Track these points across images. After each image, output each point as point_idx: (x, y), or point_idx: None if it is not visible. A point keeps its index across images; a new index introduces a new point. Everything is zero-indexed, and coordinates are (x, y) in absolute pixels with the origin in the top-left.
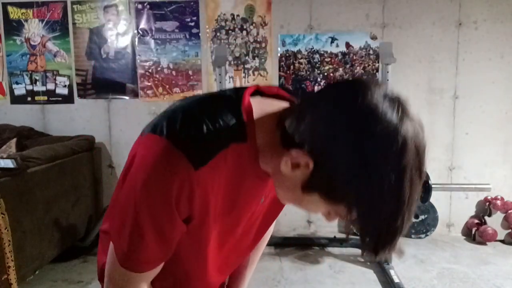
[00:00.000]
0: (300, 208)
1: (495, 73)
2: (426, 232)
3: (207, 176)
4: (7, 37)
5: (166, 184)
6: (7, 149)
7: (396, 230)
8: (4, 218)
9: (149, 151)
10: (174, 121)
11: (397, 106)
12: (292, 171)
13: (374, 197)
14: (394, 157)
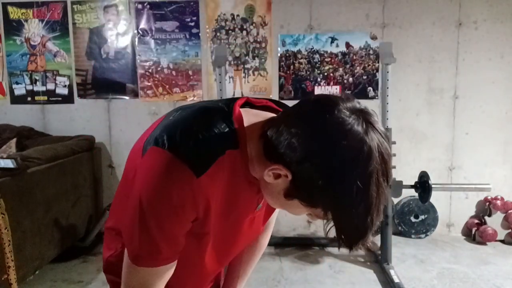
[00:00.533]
0: (287, 211)
1: (495, 73)
2: (426, 232)
3: (207, 182)
4: (7, 37)
5: (172, 192)
6: (7, 149)
7: (367, 228)
8: (4, 218)
9: (153, 163)
10: (174, 133)
11: (363, 119)
12: (274, 180)
13: (345, 201)
14: (361, 165)
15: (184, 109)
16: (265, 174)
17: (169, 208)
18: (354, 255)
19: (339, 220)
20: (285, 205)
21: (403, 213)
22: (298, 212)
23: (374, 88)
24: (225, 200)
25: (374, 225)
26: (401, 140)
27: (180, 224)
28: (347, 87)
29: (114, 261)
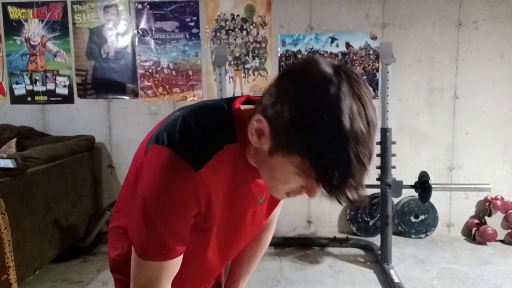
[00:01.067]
0: (278, 187)
1: (495, 73)
2: (426, 232)
3: (207, 176)
4: (7, 37)
5: (173, 187)
6: (7, 149)
7: (348, 161)
8: (4, 218)
9: (155, 160)
10: (173, 131)
11: (333, 64)
12: (259, 140)
13: (319, 139)
14: (330, 99)
15: (185, 108)
16: (249, 135)
17: (171, 203)
18: (354, 255)
19: (318, 161)
20: (275, 172)
21: (403, 213)
22: (284, 178)
23: (374, 88)
24: (227, 194)
25: (357, 160)
26: (401, 140)
27: (183, 218)
28: None
29: (121, 260)
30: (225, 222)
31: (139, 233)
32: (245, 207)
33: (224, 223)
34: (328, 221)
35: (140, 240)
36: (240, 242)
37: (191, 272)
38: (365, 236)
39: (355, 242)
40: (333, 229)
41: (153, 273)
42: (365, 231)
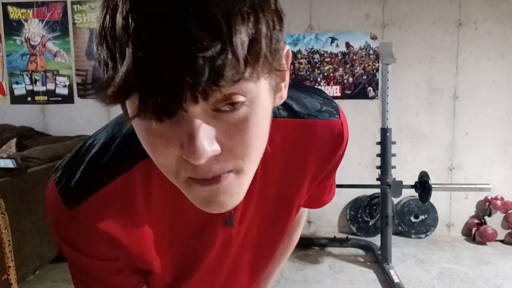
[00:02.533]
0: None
1: (495, 73)
2: (426, 232)
3: (95, 211)
4: (7, 37)
5: (55, 229)
6: (7, 149)
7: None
8: (4, 218)
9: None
10: (66, 159)
11: None
12: None
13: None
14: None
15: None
16: None
17: (65, 249)
18: (354, 255)
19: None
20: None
21: (403, 213)
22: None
23: (374, 88)
24: (165, 225)
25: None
26: (401, 140)
27: (89, 263)
28: (347, 87)
29: None
30: (178, 256)
31: (72, 276)
32: (202, 234)
33: (177, 258)
34: (328, 221)
35: (74, 283)
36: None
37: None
38: (365, 236)
39: (355, 242)
40: (333, 229)
41: None
42: (365, 231)
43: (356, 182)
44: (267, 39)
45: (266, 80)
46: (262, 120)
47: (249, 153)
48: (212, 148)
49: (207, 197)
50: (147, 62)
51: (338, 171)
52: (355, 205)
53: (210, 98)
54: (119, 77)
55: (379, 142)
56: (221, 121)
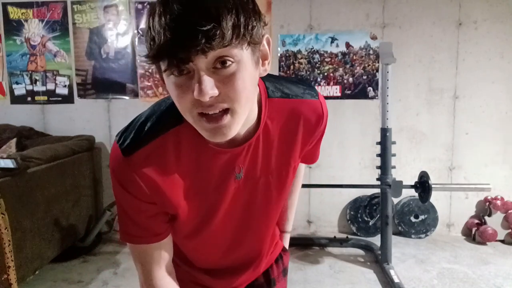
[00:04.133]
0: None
1: (495, 73)
2: (426, 232)
3: (142, 161)
4: (7, 37)
5: (114, 175)
6: (7, 149)
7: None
8: (4, 218)
9: (111, 155)
10: (125, 126)
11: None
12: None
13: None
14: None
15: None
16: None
17: (118, 192)
18: (354, 255)
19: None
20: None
21: (403, 213)
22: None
23: (374, 88)
24: (188, 175)
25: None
26: (401, 140)
27: (133, 206)
28: (347, 87)
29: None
30: (202, 204)
31: (118, 217)
32: (220, 185)
33: (202, 205)
34: (328, 221)
35: (119, 224)
36: (248, 220)
37: (205, 254)
38: (365, 236)
39: (355, 242)
40: (333, 229)
41: (137, 254)
42: (365, 231)
43: (356, 182)
44: (245, 24)
45: (248, 51)
46: (247, 78)
47: (239, 98)
48: (213, 91)
49: (212, 130)
50: (171, 38)
51: (338, 171)
52: (355, 205)
53: (208, 55)
54: (156, 46)
55: (379, 142)
56: (218, 74)
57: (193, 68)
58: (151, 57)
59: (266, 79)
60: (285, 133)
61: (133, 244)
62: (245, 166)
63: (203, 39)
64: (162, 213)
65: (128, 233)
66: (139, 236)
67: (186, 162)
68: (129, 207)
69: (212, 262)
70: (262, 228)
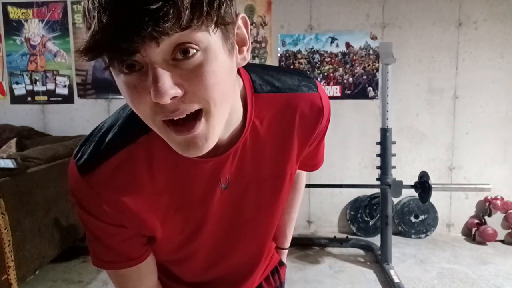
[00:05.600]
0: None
1: (495, 73)
2: (426, 232)
3: (104, 179)
4: (7, 37)
5: (72, 197)
6: (7, 149)
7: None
8: (4, 218)
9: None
10: (84, 139)
11: None
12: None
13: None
14: None
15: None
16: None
17: (81, 214)
18: (354, 255)
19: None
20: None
21: (403, 213)
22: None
23: (374, 88)
24: (170, 193)
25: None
26: (401, 140)
27: (100, 228)
28: (347, 87)
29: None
30: (187, 220)
31: (87, 240)
32: (204, 198)
33: (186, 222)
34: (328, 221)
35: (89, 248)
36: (238, 231)
37: (189, 270)
38: (365, 236)
39: (355, 242)
40: (333, 229)
41: (115, 280)
42: (365, 231)
43: (356, 182)
44: (209, 1)
45: (217, 36)
46: (220, 69)
47: (212, 96)
48: (174, 90)
49: (184, 143)
50: (108, 22)
51: (338, 171)
52: (355, 205)
53: (161, 42)
54: (89, 36)
55: (379, 142)
56: (180, 68)
57: (145, 62)
58: (83, 51)
59: (252, 70)
60: (278, 134)
61: (111, 269)
62: (231, 175)
63: (150, 21)
64: (137, 235)
65: (101, 259)
66: (114, 262)
67: (161, 177)
68: (98, 231)
69: (200, 274)
70: (256, 238)
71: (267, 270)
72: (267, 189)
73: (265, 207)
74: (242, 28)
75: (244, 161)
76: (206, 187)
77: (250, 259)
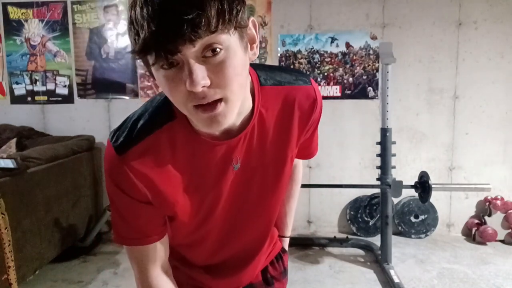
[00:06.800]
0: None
1: (495, 73)
2: (426, 232)
3: (136, 159)
4: (7, 37)
5: (108, 176)
6: (7, 149)
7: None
8: (4, 218)
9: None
10: (118, 125)
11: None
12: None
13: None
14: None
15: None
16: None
17: (112, 193)
18: (354, 255)
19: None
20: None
21: (403, 213)
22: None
23: (374, 88)
24: (184, 171)
25: (132, 27)
26: (401, 140)
27: (130, 206)
28: (347, 87)
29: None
30: (203, 200)
31: (112, 218)
32: (219, 179)
33: (203, 201)
34: (328, 221)
35: (113, 225)
36: (245, 213)
37: (201, 252)
38: (365, 236)
39: (355, 242)
40: (333, 229)
41: (132, 254)
42: (365, 231)
43: (356, 182)
44: (229, 9)
45: (235, 36)
46: (238, 64)
47: (231, 86)
48: (204, 80)
49: (208, 119)
50: (156, 30)
51: (338, 171)
52: (355, 205)
53: (196, 44)
54: (141, 40)
55: (379, 142)
56: (208, 63)
57: (182, 59)
58: (137, 52)
59: (258, 67)
60: (280, 121)
61: (132, 246)
62: (241, 157)
63: (188, 28)
64: (158, 215)
65: (123, 235)
66: (134, 238)
67: (182, 158)
68: (124, 208)
69: (211, 257)
70: (261, 219)
71: (271, 255)
72: (271, 172)
73: (269, 189)
74: (252, 29)
75: (252, 145)
76: (221, 167)
77: (254, 241)
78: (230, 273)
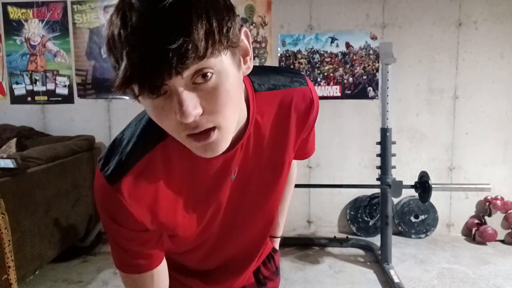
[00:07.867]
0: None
1: (495, 73)
2: (426, 232)
3: (130, 186)
4: (7, 37)
5: (103, 207)
6: (7, 149)
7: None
8: (4, 218)
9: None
10: (105, 152)
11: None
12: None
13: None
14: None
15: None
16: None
17: (109, 225)
18: (354, 255)
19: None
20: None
21: (403, 213)
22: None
23: (374, 88)
24: (188, 190)
25: (114, 58)
26: (401, 140)
27: (127, 236)
28: (347, 87)
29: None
30: (204, 213)
31: (111, 247)
32: (218, 191)
33: (203, 214)
34: (328, 221)
35: (111, 252)
36: (245, 223)
37: (203, 262)
38: (365, 236)
39: (355, 242)
40: (333, 229)
41: (132, 284)
42: (365, 231)
43: (356, 182)
44: (218, 28)
45: (227, 56)
46: (231, 87)
47: (224, 112)
48: (196, 110)
49: (202, 147)
50: (138, 62)
51: (338, 171)
52: (355, 205)
53: (184, 73)
54: (122, 73)
55: (379, 142)
56: (199, 90)
57: (170, 88)
58: (119, 87)
59: (251, 72)
60: (277, 125)
61: (127, 273)
62: (238, 166)
63: (174, 58)
64: (153, 240)
65: (121, 263)
66: (130, 265)
67: (178, 176)
68: (121, 239)
69: (205, 262)
70: (257, 223)
71: (262, 256)
72: (268, 176)
73: (267, 193)
74: (245, 40)
75: (248, 152)
76: (219, 180)
77: (251, 244)
78: (225, 278)
